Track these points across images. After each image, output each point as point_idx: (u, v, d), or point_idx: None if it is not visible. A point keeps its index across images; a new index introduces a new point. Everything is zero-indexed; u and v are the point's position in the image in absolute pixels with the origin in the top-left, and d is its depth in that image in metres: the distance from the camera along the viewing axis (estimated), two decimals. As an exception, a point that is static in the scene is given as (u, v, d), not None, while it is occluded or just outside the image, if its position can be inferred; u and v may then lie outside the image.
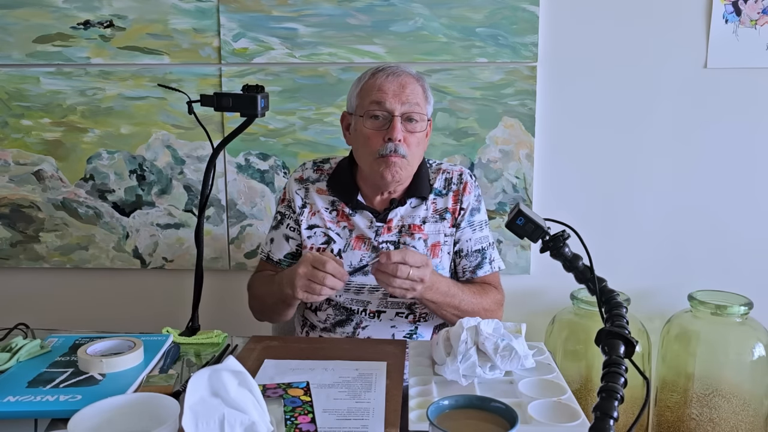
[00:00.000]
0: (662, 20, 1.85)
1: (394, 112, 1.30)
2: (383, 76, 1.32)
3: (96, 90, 1.94)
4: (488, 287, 1.42)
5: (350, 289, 1.39)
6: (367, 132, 1.33)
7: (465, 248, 1.42)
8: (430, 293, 1.27)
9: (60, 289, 2.08)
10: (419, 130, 1.33)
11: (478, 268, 1.43)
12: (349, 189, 1.40)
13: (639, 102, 1.89)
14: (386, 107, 1.30)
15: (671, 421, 1.86)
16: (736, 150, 1.90)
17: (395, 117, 1.30)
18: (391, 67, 1.35)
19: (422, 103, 1.34)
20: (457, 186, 1.42)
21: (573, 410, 0.93)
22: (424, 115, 1.34)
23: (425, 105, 1.35)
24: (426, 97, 1.36)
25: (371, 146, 1.32)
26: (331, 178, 1.43)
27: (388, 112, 1.31)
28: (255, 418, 0.81)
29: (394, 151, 1.30)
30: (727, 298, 1.80)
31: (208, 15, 1.88)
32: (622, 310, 0.87)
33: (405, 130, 1.31)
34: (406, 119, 1.31)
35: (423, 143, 1.37)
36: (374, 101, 1.31)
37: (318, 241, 1.41)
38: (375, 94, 1.31)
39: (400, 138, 1.30)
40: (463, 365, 1.02)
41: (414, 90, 1.32)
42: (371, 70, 1.36)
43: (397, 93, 1.30)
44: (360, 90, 1.36)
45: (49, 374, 1.06)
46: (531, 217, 0.99)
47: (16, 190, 2.01)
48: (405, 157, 1.31)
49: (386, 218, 1.39)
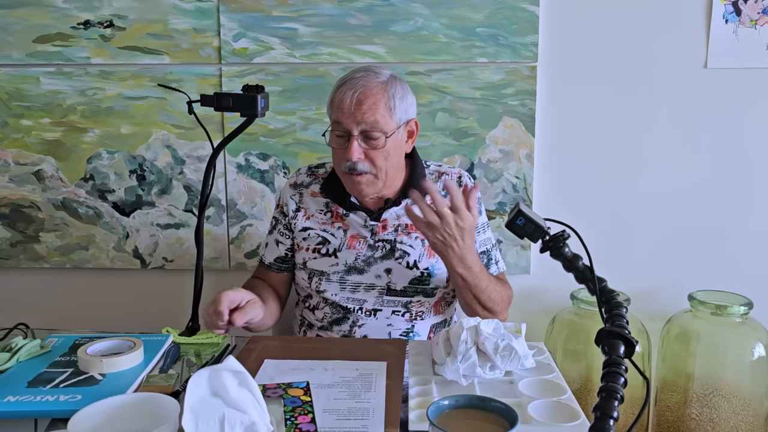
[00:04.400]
0: (662, 20, 1.85)
1: (351, 131, 1.29)
2: (343, 92, 1.30)
3: (96, 90, 1.94)
4: (504, 282, 1.44)
5: (346, 288, 1.40)
6: (333, 146, 1.35)
7: None
8: (463, 268, 1.26)
9: (60, 289, 2.08)
10: (381, 147, 1.30)
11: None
12: (342, 191, 1.40)
13: (639, 102, 1.89)
14: (343, 127, 1.30)
15: (671, 421, 1.86)
16: (736, 150, 1.90)
17: (352, 137, 1.29)
18: (354, 78, 1.31)
19: (382, 119, 1.29)
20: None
21: (573, 410, 0.93)
22: (384, 131, 1.29)
23: (389, 117, 1.30)
24: (390, 107, 1.30)
25: (337, 161, 1.35)
26: (325, 182, 1.45)
27: (346, 131, 1.30)
28: (255, 418, 0.81)
29: (353, 169, 1.30)
30: (727, 298, 1.80)
31: (208, 15, 1.88)
32: (622, 310, 0.87)
33: (366, 146, 1.30)
34: (365, 137, 1.30)
35: (394, 153, 1.34)
36: (334, 120, 1.32)
37: (313, 243, 1.42)
38: (335, 113, 1.31)
39: (358, 157, 1.29)
40: (463, 365, 1.02)
41: (373, 105, 1.28)
42: (340, 81, 1.34)
43: (353, 112, 1.28)
44: (330, 102, 1.35)
45: (49, 374, 1.06)
46: (531, 217, 0.99)
47: (16, 190, 2.01)
48: (368, 172, 1.31)
49: (380, 217, 1.39)
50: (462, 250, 1.23)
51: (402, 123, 1.34)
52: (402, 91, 1.34)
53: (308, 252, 1.42)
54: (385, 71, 1.35)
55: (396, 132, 1.32)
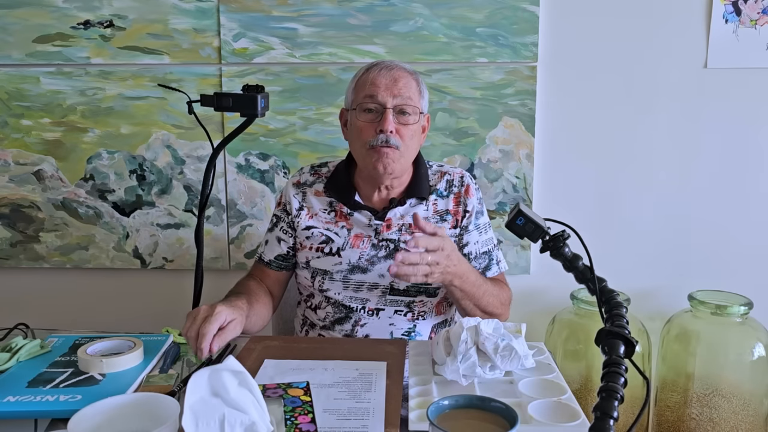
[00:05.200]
0: (662, 20, 1.85)
1: (386, 104, 1.31)
2: (377, 71, 1.34)
3: (96, 90, 1.94)
4: (501, 283, 1.45)
5: (349, 287, 1.40)
6: (360, 124, 1.34)
7: (473, 251, 1.43)
8: (459, 281, 1.27)
9: (60, 289, 2.08)
10: (412, 123, 1.34)
11: (487, 269, 1.44)
12: (346, 189, 1.41)
13: (639, 102, 1.89)
14: (378, 100, 1.32)
15: (671, 421, 1.86)
16: (736, 150, 1.90)
17: (387, 109, 1.31)
18: (385, 62, 1.37)
19: (415, 97, 1.35)
20: (459, 188, 1.43)
21: (573, 410, 0.93)
22: (417, 108, 1.34)
23: (419, 99, 1.36)
24: (420, 91, 1.37)
25: (364, 138, 1.34)
26: (328, 181, 1.44)
27: (380, 105, 1.32)
28: (255, 418, 0.82)
29: (385, 142, 1.31)
30: (727, 298, 1.80)
31: (208, 15, 1.88)
32: (622, 310, 0.87)
33: (398, 123, 1.32)
34: (398, 112, 1.32)
35: (417, 137, 1.38)
36: (367, 95, 1.33)
37: (316, 242, 1.41)
38: (368, 88, 1.33)
39: (392, 129, 1.31)
40: (463, 365, 1.02)
41: (407, 83, 1.34)
42: (365, 66, 1.38)
43: (389, 86, 1.32)
44: (355, 85, 1.38)
45: (49, 374, 1.06)
46: (531, 217, 0.99)
47: (16, 190, 2.01)
48: (398, 148, 1.32)
49: (384, 216, 1.39)
50: (458, 268, 1.25)
51: (425, 111, 1.40)
52: (424, 84, 1.41)
53: (311, 251, 1.42)
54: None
55: (422, 116, 1.38)
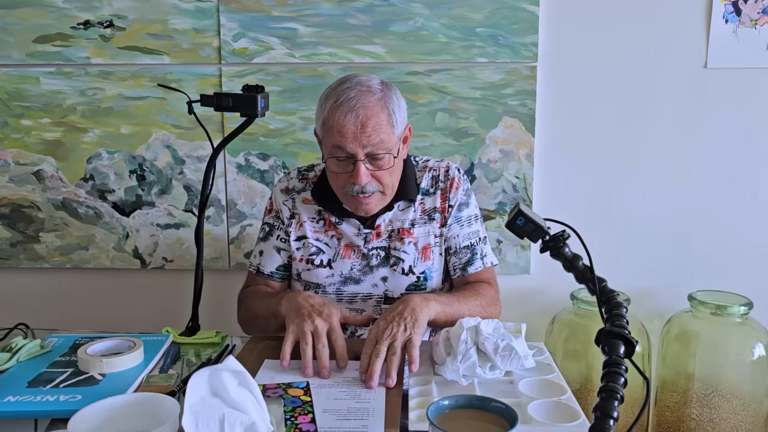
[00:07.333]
0: (662, 20, 1.85)
1: (357, 155, 1.23)
2: (342, 115, 1.22)
3: (96, 90, 1.94)
4: (480, 285, 1.36)
5: (343, 299, 1.38)
6: (333, 172, 1.29)
7: (453, 245, 1.38)
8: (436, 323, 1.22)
9: (60, 289, 2.08)
10: (387, 166, 1.26)
11: (469, 264, 1.38)
12: (333, 198, 1.36)
13: (639, 102, 1.89)
14: (347, 151, 1.23)
15: (671, 421, 1.86)
16: (736, 150, 1.90)
17: (358, 161, 1.23)
18: (349, 98, 1.23)
19: (388, 135, 1.24)
20: (444, 183, 1.39)
21: (573, 410, 0.93)
22: (390, 149, 1.26)
23: (391, 133, 1.26)
24: (392, 123, 1.26)
25: (339, 183, 1.29)
26: (315, 188, 1.40)
27: (350, 156, 1.24)
28: (255, 418, 0.82)
29: (362, 192, 1.26)
30: (727, 298, 1.80)
31: (208, 15, 1.88)
32: (622, 310, 0.87)
33: (372, 167, 1.25)
34: (371, 158, 1.25)
35: (398, 167, 1.31)
36: (335, 145, 1.24)
37: (307, 252, 1.38)
38: (336, 138, 1.23)
39: (365, 182, 1.25)
40: (463, 365, 1.02)
41: (376, 124, 1.23)
42: (331, 100, 1.25)
43: (357, 135, 1.22)
44: (322, 123, 1.27)
45: (49, 374, 1.06)
46: (531, 217, 0.99)
47: (16, 190, 2.01)
48: (376, 191, 1.28)
49: (374, 224, 1.36)
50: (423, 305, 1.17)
51: (401, 135, 1.31)
52: (396, 99, 1.29)
53: (302, 263, 1.39)
54: (374, 81, 1.28)
55: (396, 148, 1.28)
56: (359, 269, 1.36)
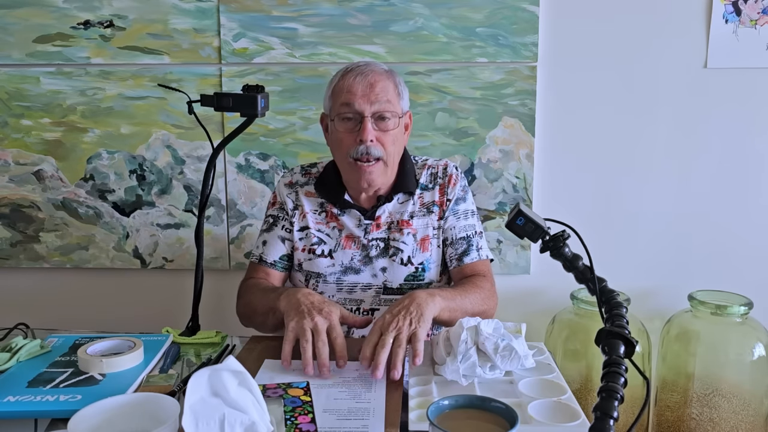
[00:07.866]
0: (662, 20, 1.85)
1: (364, 112, 1.29)
2: (352, 77, 1.31)
3: (96, 90, 1.94)
4: (477, 278, 1.38)
5: (342, 289, 1.40)
6: (339, 135, 1.33)
7: (450, 236, 1.42)
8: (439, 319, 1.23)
9: (60, 289, 2.08)
10: (392, 128, 1.32)
11: (465, 255, 1.40)
12: (335, 189, 1.40)
13: (639, 102, 1.89)
14: (356, 108, 1.29)
15: (671, 421, 1.86)
16: (736, 150, 1.90)
17: (365, 118, 1.29)
18: (360, 66, 1.34)
19: (394, 100, 1.33)
20: (443, 179, 1.43)
21: (573, 410, 0.93)
22: (396, 112, 1.32)
23: (397, 101, 1.34)
24: (398, 92, 1.35)
25: (344, 149, 1.33)
26: (318, 181, 1.44)
27: (358, 113, 1.30)
28: (255, 418, 0.82)
29: (366, 153, 1.30)
30: (727, 298, 1.80)
31: (208, 15, 1.88)
32: (622, 310, 0.87)
33: (378, 130, 1.31)
34: (377, 118, 1.31)
35: (400, 140, 1.37)
36: (344, 103, 1.31)
37: (309, 242, 1.41)
38: (344, 96, 1.30)
39: (372, 139, 1.30)
40: (463, 365, 1.02)
41: (384, 87, 1.31)
42: (341, 71, 1.35)
43: (366, 93, 1.30)
44: (331, 92, 1.35)
45: (49, 374, 1.06)
46: (531, 217, 0.99)
47: (16, 190, 2.01)
48: (380, 158, 1.31)
49: (374, 215, 1.40)
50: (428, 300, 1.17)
51: (405, 112, 1.37)
52: (401, 81, 1.38)
53: (303, 252, 1.42)
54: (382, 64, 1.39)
55: (402, 117, 1.35)
56: (359, 259, 1.39)
